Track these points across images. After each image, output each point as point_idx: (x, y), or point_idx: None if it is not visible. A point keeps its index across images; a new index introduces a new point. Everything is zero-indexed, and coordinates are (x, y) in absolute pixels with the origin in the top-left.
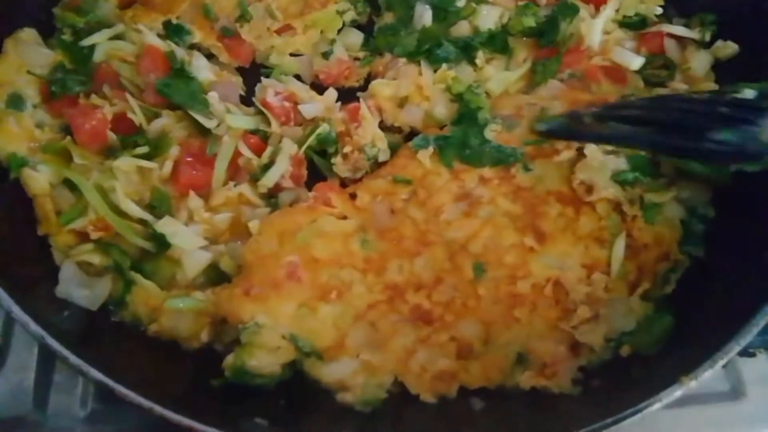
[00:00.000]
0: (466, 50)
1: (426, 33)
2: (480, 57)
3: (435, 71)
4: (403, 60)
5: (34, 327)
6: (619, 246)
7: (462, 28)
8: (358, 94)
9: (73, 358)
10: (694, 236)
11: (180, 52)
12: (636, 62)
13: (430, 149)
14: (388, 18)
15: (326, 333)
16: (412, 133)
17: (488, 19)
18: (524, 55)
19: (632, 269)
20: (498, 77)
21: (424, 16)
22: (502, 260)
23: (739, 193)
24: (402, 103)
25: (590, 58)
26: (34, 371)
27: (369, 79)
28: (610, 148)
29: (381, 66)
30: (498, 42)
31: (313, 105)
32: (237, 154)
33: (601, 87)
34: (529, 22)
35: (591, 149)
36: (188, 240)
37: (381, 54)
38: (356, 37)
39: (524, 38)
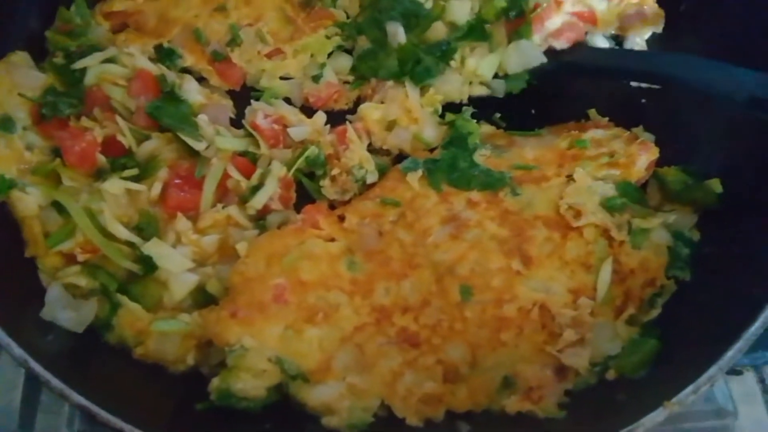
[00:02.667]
0: (445, 57)
1: (404, 51)
2: (456, 58)
3: (421, 89)
4: (390, 83)
5: (17, 350)
6: (606, 271)
7: (438, 31)
8: (347, 116)
9: (56, 382)
10: (679, 260)
11: (171, 76)
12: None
13: (419, 172)
14: (363, 42)
15: (312, 355)
16: (401, 156)
17: (461, 12)
18: (500, 34)
19: (618, 294)
20: (485, 63)
21: (398, 34)
22: (489, 284)
23: (724, 216)
24: (390, 126)
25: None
26: (21, 391)
27: (358, 102)
28: (599, 173)
29: (369, 89)
30: (477, 32)
31: (302, 128)
32: (225, 176)
33: None
34: (501, 3)
35: (580, 174)
36: (175, 262)
37: (368, 79)
38: (346, 61)
39: (498, 20)
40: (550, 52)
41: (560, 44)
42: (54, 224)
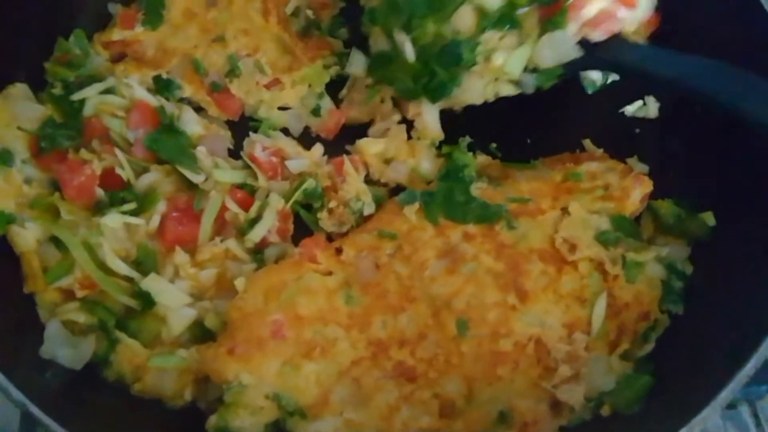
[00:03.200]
0: (461, 61)
1: (415, 69)
2: (479, 54)
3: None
4: (396, 117)
5: (16, 394)
6: (600, 305)
7: (465, 17)
8: (347, 147)
9: (55, 426)
10: (673, 293)
11: (169, 107)
12: None
13: (416, 205)
14: (377, 37)
15: (310, 390)
16: (398, 187)
17: None
18: (531, 23)
19: (612, 328)
20: (514, 57)
21: (406, 48)
22: (485, 318)
23: (717, 249)
24: (388, 160)
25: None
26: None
27: (356, 132)
28: (594, 206)
29: (379, 115)
30: (507, 19)
31: (300, 161)
32: (223, 208)
33: None
34: None
35: (574, 207)
36: (173, 298)
37: (382, 100)
38: (361, 60)
39: (530, 6)
40: (582, 45)
41: (597, 36)
42: (52, 259)
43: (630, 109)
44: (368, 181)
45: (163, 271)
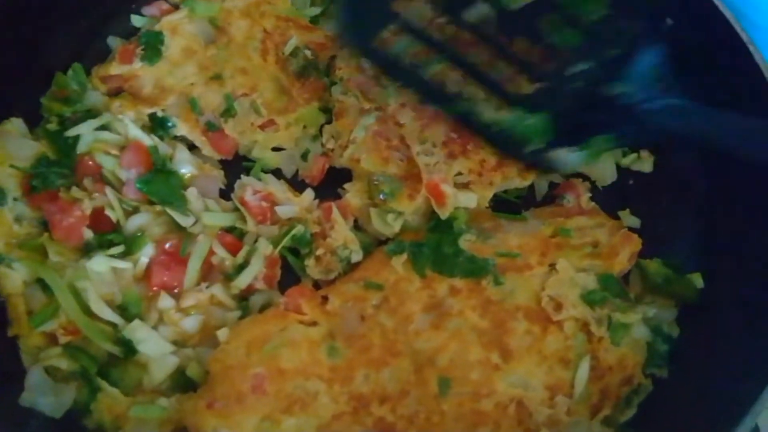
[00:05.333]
0: None
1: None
2: None
3: None
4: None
5: None
6: (584, 368)
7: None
8: (339, 190)
9: None
10: (657, 357)
11: (163, 147)
12: None
13: (404, 255)
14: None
15: None
16: None
17: None
18: None
19: (595, 392)
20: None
21: None
22: (468, 376)
23: (705, 312)
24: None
25: None
26: None
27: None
28: (582, 264)
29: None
30: None
31: (290, 207)
32: (210, 252)
33: None
34: None
35: (562, 265)
36: (156, 347)
37: None
38: None
39: None
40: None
41: None
42: (38, 303)
43: (625, 161)
44: (358, 227)
45: (148, 316)
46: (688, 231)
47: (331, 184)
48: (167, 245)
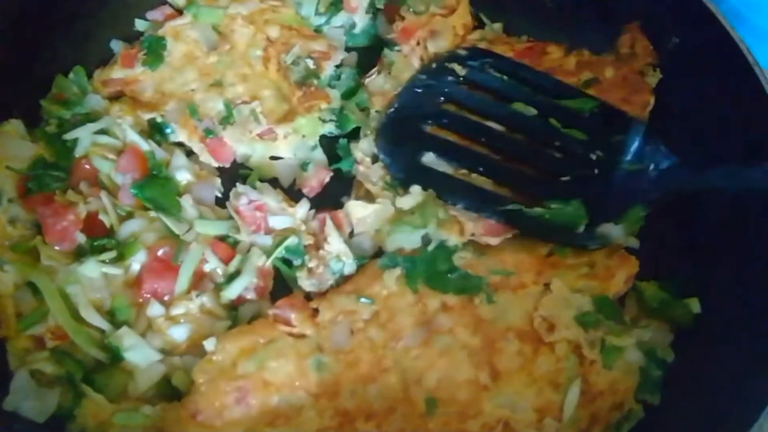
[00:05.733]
0: None
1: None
2: None
3: None
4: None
5: None
6: (574, 392)
7: None
8: (343, 199)
9: None
10: (650, 382)
11: (160, 153)
12: None
13: (398, 270)
14: None
15: None
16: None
17: None
18: None
19: (584, 416)
20: None
21: None
22: (455, 396)
23: (700, 337)
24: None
25: None
26: None
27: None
28: (577, 285)
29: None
30: None
31: (284, 217)
32: (203, 260)
33: None
34: None
35: (557, 285)
36: (142, 355)
37: None
38: None
39: None
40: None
41: None
42: (28, 305)
43: None
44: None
45: (136, 323)
46: (688, 255)
47: (329, 195)
48: (160, 252)
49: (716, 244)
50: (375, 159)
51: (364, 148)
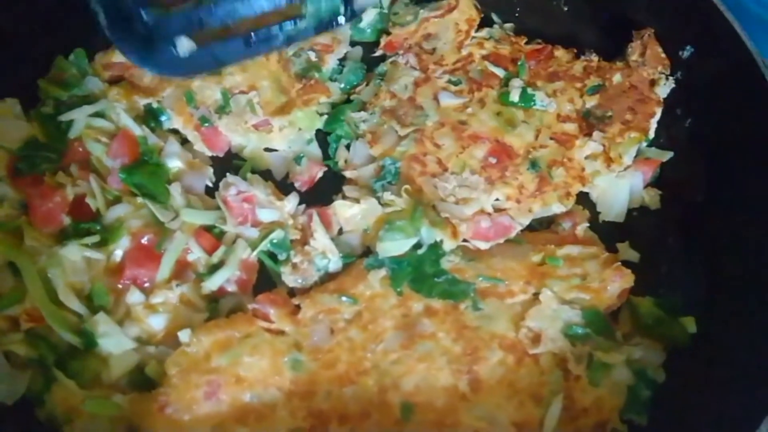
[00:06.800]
0: None
1: None
2: None
3: None
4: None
5: None
6: (556, 407)
7: None
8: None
9: None
10: (638, 403)
11: (153, 139)
12: None
13: (383, 271)
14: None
15: None
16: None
17: None
18: None
19: None
20: None
21: None
22: (433, 403)
23: (694, 359)
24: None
25: None
26: None
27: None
28: (568, 295)
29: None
30: None
31: (271, 211)
32: (187, 249)
33: None
34: None
35: (546, 296)
36: (116, 343)
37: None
38: None
39: None
40: None
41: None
42: (6, 286)
43: (633, 203)
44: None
45: (115, 310)
46: (687, 273)
47: (321, 190)
48: (144, 239)
49: (719, 265)
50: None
51: (348, 154)
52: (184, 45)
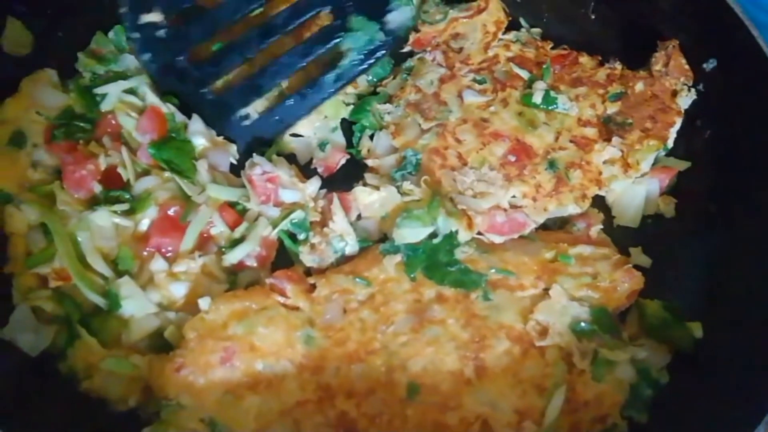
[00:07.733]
0: None
1: None
2: None
3: None
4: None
5: None
6: (558, 398)
7: None
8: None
9: None
10: (639, 400)
11: (180, 117)
12: None
13: (398, 257)
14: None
15: (248, 424)
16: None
17: None
18: None
19: (565, 425)
20: None
21: None
22: (438, 386)
23: (698, 363)
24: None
25: None
26: None
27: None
28: (578, 293)
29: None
30: None
31: (293, 192)
32: (210, 223)
33: None
34: None
35: (556, 291)
36: (139, 306)
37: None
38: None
39: None
40: None
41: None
42: (37, 246)
43: (648, 210)
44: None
45: (139, 275)
46: (697, 279)
47: (342, 177)
48: (170, 210)
49: (729, 273)
50: (385, 153)
51: (372, 144)
52: (250, 113)
